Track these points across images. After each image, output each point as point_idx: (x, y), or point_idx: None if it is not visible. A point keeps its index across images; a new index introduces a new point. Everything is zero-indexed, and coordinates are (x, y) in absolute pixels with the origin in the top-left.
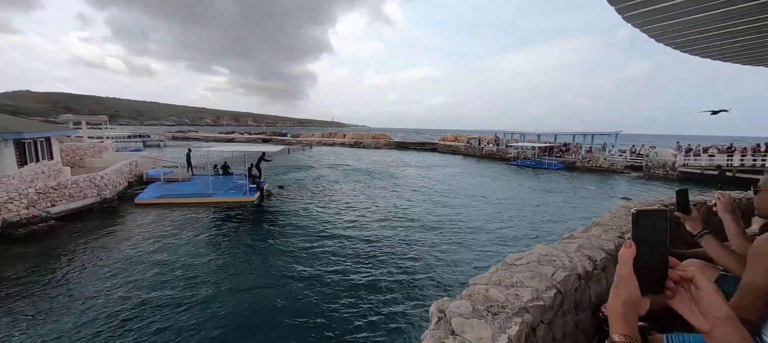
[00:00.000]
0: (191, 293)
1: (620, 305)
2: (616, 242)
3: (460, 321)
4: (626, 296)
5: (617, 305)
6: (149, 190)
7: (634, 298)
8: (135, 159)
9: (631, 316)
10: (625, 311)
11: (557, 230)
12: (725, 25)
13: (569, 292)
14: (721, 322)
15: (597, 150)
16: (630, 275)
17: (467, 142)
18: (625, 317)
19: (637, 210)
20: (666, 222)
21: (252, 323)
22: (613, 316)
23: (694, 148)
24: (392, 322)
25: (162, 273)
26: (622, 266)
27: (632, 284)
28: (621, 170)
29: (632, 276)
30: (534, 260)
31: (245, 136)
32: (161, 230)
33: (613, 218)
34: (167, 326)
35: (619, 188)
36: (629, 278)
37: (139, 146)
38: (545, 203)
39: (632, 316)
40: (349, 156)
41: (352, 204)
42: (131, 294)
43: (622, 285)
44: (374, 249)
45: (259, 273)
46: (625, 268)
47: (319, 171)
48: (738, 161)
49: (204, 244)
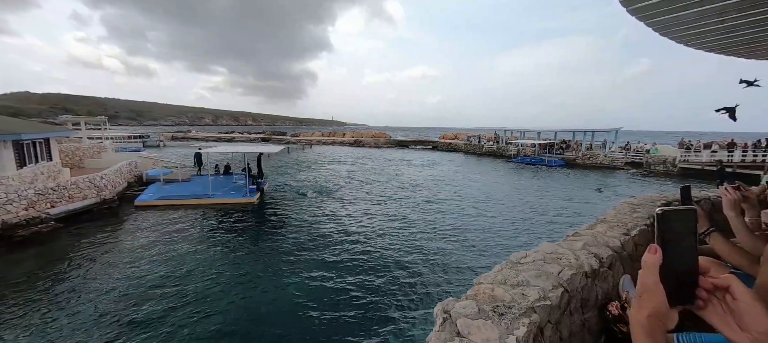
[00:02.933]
0: (191, 297)
1: (645, 319)
2: (621, 239)
3: (466, 322)
4: (652, 308)
5: (641, 318)
6: (149, 191)
7: (661, 310)
8: (134, 160)
9: (658, 331)
10: (650, 325)
11: (559, 227)
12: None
13: (576, 290)
14: (763, 337)
15: (597, 147)
16: (656, 284)
17: (467, 140)
18: (652, 333)
19: (663, 210)
20: (695, 222)
21: (252, 325)
22: (637, 331)
23: (695, 144)
24: (396, 323)
25: (162, 276)
26: (647, 273)
27: (659, 294)
28: (621, 167)
29: (659, 285)
30: (539, 258)
31: (245, 135)
32: (161, 233)
33: (618, 215)
34: (167, 329)
35: (620, 186)
36: (655, 288)
37: (139, 147)
38: (546, 200)
39: (659, 331)
40: (349, 155)
41: (353, 204)
42: (131, 296)
43: (647, 296)
44: (376, 249)
45: (259, 276)
46: (651, 276)
47: (319, 170)
48: (739, 157)
49: (203, 247)
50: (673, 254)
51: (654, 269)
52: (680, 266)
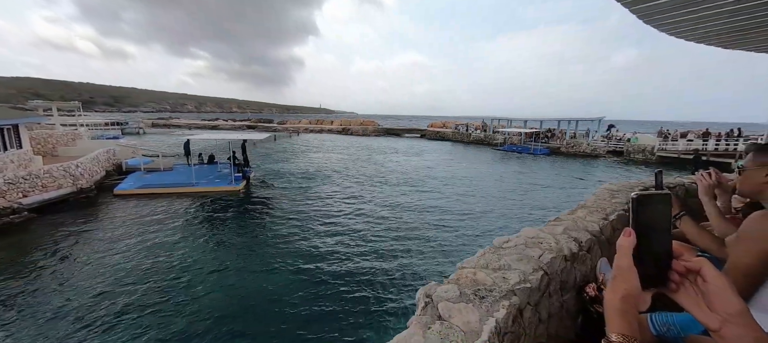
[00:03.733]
0: (175, 287)
1: (618, 300)
2: (600, 224)
3: (447, 306)
4: (625, 290)
5: (615, 300)
6: (129, 180)
7: (634, 292)
8: (112, 148)
9: (631, 312)
10: (623, 306)
11: (543, 213)
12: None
13: (555, 273)
14: (732, 318)
15: (581, 135)
16: (630, 268)
17: (455, 129)
18: (624, 314)
19: (639, 194)
20: (670, 207)
21: (239, 314)
22: (610, 312)
23: (672, 133)
24: (379, 308)
25: (144, 266)
26: (621, 257)
27: (632, 277)
28: (603, 155)
29: (632, 268)
30: (521, 242)
31: (230, 123)
32: (143, 222)
33: (598, 201)
34: (150, 322)
35: (601, 172)
36: (629, 271)
37: (117, 134)
38: (531, 187)
39: (631, 312)
40: (336, 143)
41: (340, 191)
42: (111, 286)
43: (620, 278)
44: (362, 235)
45: (245, 264)
46: (625, 259)
47: (306, 158)
48: (712, 146)
49: (188, 236)
50: (647, 237)
51: (628, 252)
52: (654, 250)
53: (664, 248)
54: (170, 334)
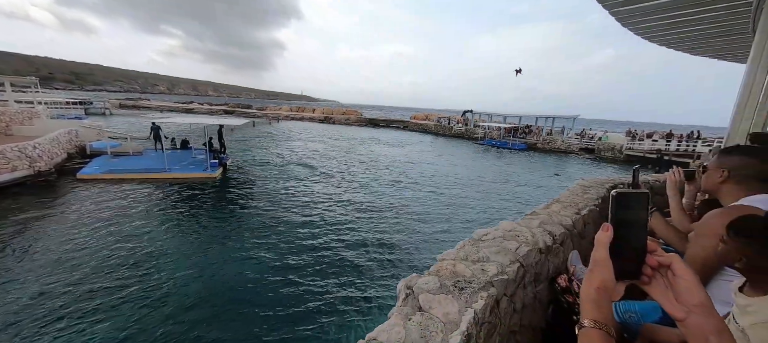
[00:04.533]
0: (143, 278)
1: (593, 290)
2: (573, 218)
3: (428, 297)
4: (601, 280)
5: (590, 290)
6: (94, 164)
7: (608, 283)
8: (75, 128)
9: (604, 302)
10: (597, 296)
11: (519, 206)
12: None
13: (531, 265)
14: (694, 309)
15: (556, 133)
16: (605, 260)
17: (437, 122)
18: (598, 303)
19: (618, 192)
20: (647, 205)
21: (211, 305)
22: (585, 301)
23: (639, 133)
24: (360, 299)
25: (110, 256)
26: (598, 249)
27: (607, 269)
28: (576, 152)
29: (608, 261)
30: (499, 235)
31: (205, 107)
32: (109, 209)
33: (571, 196)
34: (114, 316)
35: (574, 169)
36: (604, 263)
37: (80, 114)
38: (509, 181)
39: (605, 302)
40: (318, 132)
41: (320, 181)
42: (74, 277)
43: (596, 269)
44: (342, 226)
45: (220, 253)
46: (601, 252)
47: (287, 146)
48: (674, 146)
49: (158, 224)
50: (623, 232)
51: (605, 245)
52: (630, 245)
53: (639, 244)
54: (136, 328)
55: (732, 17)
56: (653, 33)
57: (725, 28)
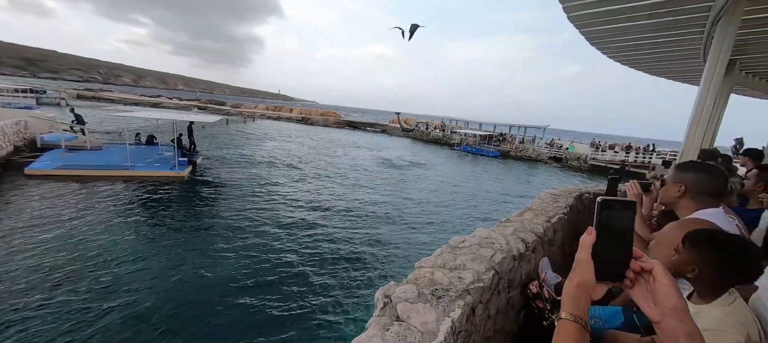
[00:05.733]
0: (101, 285)
1: (573, 288)
2: (544, 226)
3: (406, 307)
4: (580, 279)
5: (570, 288)
6: (46, 158)
7: (586, 282)
8: (23, 119)
9: (582, 299)
10: (577, 293)
11: (494, 213)
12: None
13: (505, 272)
14: (670, 313)
15: (528, 141)
16: (586, 261)
17: (415, 127)
18: (577, 299)
19: (603, 199)
20: (633, 213)
21: (176, 313)
22: (565, 297)
23: (602, 144)
24: (337, 308)
25: (61, 260)
26: (581, 251)
27: (588, 269)
28: (545, 161)
29: (589, 262)
30: (475, 242)
31: (175, 101)
32: (61, 208)
33: (542, 204)
34: (65, 327)
35: (544, 176)
36: (585, 263)
37: (31, 104)
38: (484, 186)
39: (583, 299)
40: (295, 132)
41: (295, 184)
42: (19, 282)
43: (578, 269)
44: (317, 232)
45: (186, 258)
46: (584, 253)
47: (262, 146)
48: (633, 158)
49: (119, 226)
50: (606, 237)
51: (588, 247)
52: (612, 249)
53: (623, 249)
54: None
55: (686, 44)
56: (617, 53)
57: (680, 53)
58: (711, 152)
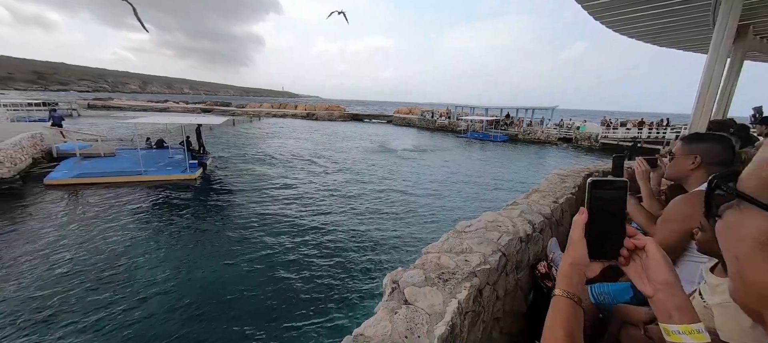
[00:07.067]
0: (123, 287)
1: (568, 266)
2: (551, 207)
3: (413, 290)
4: (574, 257)
5: (565, 266)
6: (62, 168)
7: (580, 260)
8: (39, 131)
9: (576, 277)
10: (570, 271)
11: (503, 196)
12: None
13: (512, 254)
14: (661, 286)
15: (536, 123)
16: (580, 240)
17: (421, 115)
18: (570, 276)
19: (593, 180)
20: (624, 193)
21: (196, 312)
22: (560, 274)
23: (613, 122)
24: (347, 296)
25: (84, 266)
26: (574, 230)
27: (581, 248)
28: (555, 142)
29: (582, 241)
30: (482, 226)
31: (182, 105)
32: (81, 216)
33: (550, 186)
34: (92, 327)
35: (553, 158)
36: (579, 242)
37: (45, 117)
38: (492, 172)
39: (577, 277)
40: (301, 128)
41: (304, 179)
42: (46, 291)
43: (571, 248)
44: (327, 224)
45: (202, 257)
46: (576, 232)
47: (269, 144)
48: (646, 134)
49: (135, 229)
50: (599, 216)
51: (580, 227)
52: (605, 228)
53: (615, 227)
54: (116, 339)
55: (693, 10)
56: (622, 25)
57: (687, 20)
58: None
